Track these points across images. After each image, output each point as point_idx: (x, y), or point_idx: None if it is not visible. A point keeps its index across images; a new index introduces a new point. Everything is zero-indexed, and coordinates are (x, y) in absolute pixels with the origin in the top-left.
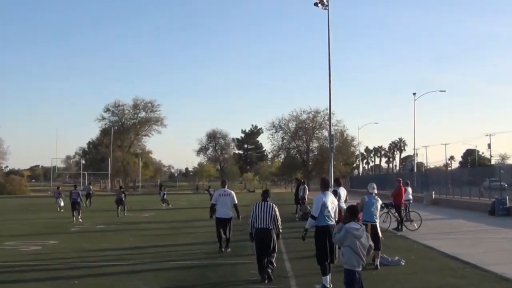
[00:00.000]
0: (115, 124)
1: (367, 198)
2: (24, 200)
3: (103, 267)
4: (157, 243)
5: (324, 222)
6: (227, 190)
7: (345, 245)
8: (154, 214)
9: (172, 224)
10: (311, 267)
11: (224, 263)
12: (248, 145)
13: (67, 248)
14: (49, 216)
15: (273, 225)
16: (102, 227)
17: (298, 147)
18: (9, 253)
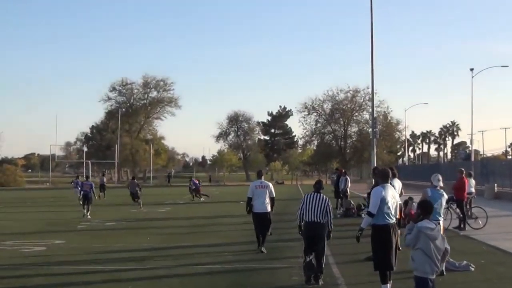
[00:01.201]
0: (122, 105)
1: (430, 192)
2: (20, 193)
3: (119, 272)
4: (179, 243)
5: (383, 220)
6: (263, 182)
7: (416, 247)
8: (170, 209)
9: (193, 221)
10: (364, 272)
11: (260, 267)
12: (275, 129)
13: (76, 249)
14: (52, 211)
15: (325, 220)
16: (113, 224)
17: (334, 132)
18: (9, 254)
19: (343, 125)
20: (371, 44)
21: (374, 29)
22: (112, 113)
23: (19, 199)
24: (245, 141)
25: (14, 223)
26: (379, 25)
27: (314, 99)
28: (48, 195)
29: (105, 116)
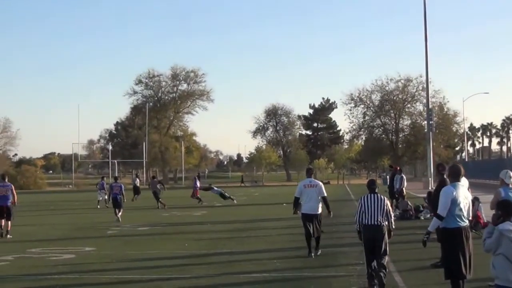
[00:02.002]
0: (149, 99)
1: (503, 192)
2: (41, 196)
3: (157, 281)
4: (220, 249)
5: (454, 223)
6: (313, 180)
7: (497, 253)
8: (206, 212)
9: (233, 225)
10: (432, 281)
11: (313, 276)
12: (318, 123)
13: (108, 257)
14: (78, 216)
15: (385, 221)
16: (146, 229)
17: (384, 126)
18: (36, 263)
19: (394, 117)
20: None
21: (427, 12)
22: (138, 108)
23: (41, 203)
24: (285, 136)
25: (39, 228)
26: (432, 7)
27: (361, 90)
28: (72, 198)
29: (131, 111)
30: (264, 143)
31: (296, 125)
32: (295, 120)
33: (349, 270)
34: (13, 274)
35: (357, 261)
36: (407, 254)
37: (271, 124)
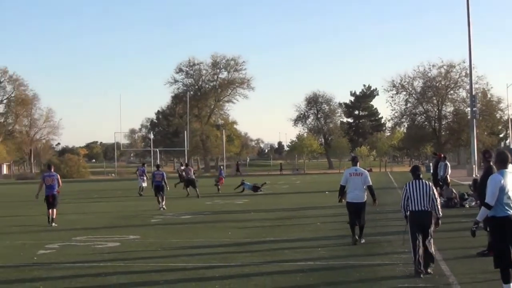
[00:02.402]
0: (190, 87)
1: None
2: (85, 184)
3: (202, 270)
4: (264, 238)
5: (503, 211)
6: (359, 169)
7: None
8: (249, 200)
9: (276, 214)
10: (479, 270)
11: (358, 264)
12: (359, 111)
13: (152, 245)
14: (121, 204)
15: (431, 207)
16: (189, 217)
17: (427, 113)
18: (82, 251)
19: (437, 104)
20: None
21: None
22: (179, 96)
23: (85, 192)
24: (326, 124)
25: (84, 217)
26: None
27: (403, 76)
28: (114, 186)
29: (172, 100)
30: (305, 131)
31: (337, 112)
32: (336, 107)
33: (394, 258)
34: (59, 262)
35: (402, 250)
36: (453, 242)
37: (312, 112)
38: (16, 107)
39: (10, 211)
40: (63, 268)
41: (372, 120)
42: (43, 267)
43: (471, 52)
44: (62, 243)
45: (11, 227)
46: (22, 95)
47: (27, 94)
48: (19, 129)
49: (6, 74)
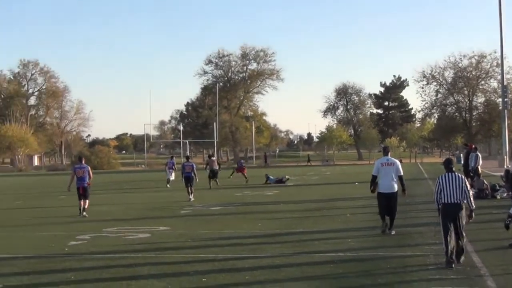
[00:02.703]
0: (219, 79)
1: None
2: (115, 176)
3: (232, 261)
4: (293, 229)
5: None
6: (390, 159)
7: None
8: (279, 192)
9: (306, 205)
10: (511, 261)
11: (389, 255)
12: (389, 102)
13: (182, 236)
14: (151, 195)
15: (464, 199)
16: (219, 209)
17: (458, 103)
18: (113, 242)
19: (468, 95)
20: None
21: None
22: (208, 88)
23: (115, 183)
24: (356, 115)
25: (115, 208)
26: None
27: (433, 67)
28: (144, 178)
29: (201, 91)
30: (334, 122)
31: (367, 103)
32: (366, 98)
33: (425, 250)
34: (90, 253)
35: (433, 241)
36: (484, 234)
37: (342, 103)
38: (47, 99)
39: (41, 202)
40: (94, 259)
41: (402, 111)
42: (74, 258)
43: (503, 42)
44: (93, 234)
45: (43, 218)
46: (53, 87)
47: (57, 86)
48: (50, 121)
49: (37, 66)
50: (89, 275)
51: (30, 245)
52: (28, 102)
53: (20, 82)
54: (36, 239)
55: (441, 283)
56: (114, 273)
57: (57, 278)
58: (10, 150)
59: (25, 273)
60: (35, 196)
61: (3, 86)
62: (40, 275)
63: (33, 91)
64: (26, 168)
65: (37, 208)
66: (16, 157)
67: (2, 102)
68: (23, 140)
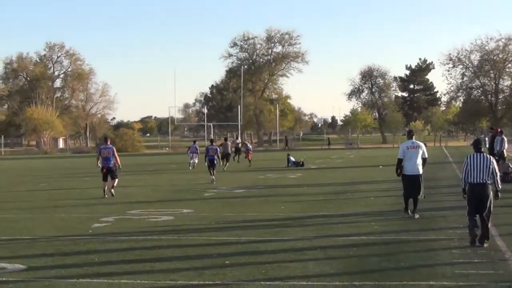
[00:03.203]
0: (244, 62)
1: None
2: (139, 158)
3: (255, 243)
4: (317, 212)
5: None
6: (415, 142)
7: None
8: (302, 175)
9: (329, 188)
10: None
11: (413, 239)
12: (414, 85)
13: (206, 219)
14: (175, 178)
15: (491, 180)
16: (242, 191)
17: (484, 87)
18: (136, 224)
19: (494, 78)
20: None
21: None
22: (233, 71)
23: (140, 165)
24: (381, 98)
25: (138, 190)
26: None
27: (459, 50)
28: (168, 160)
29: (226, 74)
30: (359, 105)
31: (392, 87)
32: (391, 81)
33: (449, 233)
34: (115, 235)
35: (457, 225)
36: (509, 218)
37: (367, 86)
38: (72, 82)
39: (66, 184)
40: (117, 241)
41: (427, 94)
42: (98, 240)
43: None
44: (117, 216)
45: (67, 200)
46: (78, 69)
47: (83, 69)
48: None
49: (63, 49)
50: (112, 257)
51: (53, 227)
52: (54, 85)
53: (46, 64)
54: (60, 221)
55: (465, 266)
56: (138, 255)
57: (81, 259)
58: (35, 133)
59: (48, 255)
60: (59, 178)
61: (29, 69)
62: (64, 257)
63: (59, 73)
64: (51, 151)
65: (61, 190)
66: (41, 139)
67: (28, 85)
68: (48, 123)
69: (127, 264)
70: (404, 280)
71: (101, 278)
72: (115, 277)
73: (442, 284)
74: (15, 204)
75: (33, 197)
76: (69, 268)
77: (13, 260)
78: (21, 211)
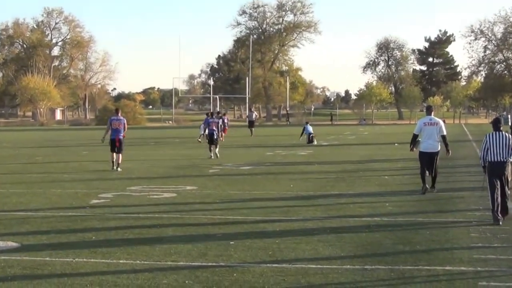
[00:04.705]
0: (253, 31)
1: None
2: (141, 132)
3: (262, 223)
4: (327, 191)
5: None
6: (433, 118)
7: None
8: (313, 152)
9: (341, 166)
10: None
11: (429, 222)
12: (434, 58)
13: (210, 196)
14: (178, 153)
15: (510, 158)
16: (249, 168)
17: (507, 61)
18: (137, 201)
19: None
20: None
21: None
22: (241, 40)
23: (141, 139)
24: (397, 72)
25: (139, 166)
26: None
27: (482, 21)
28: (172, 134)
29: (234, 44)
30: (374, 79)
31: (410, 59)
32: (408, 54)
33: (467, 216)
34: (113, 212)
35: (476, 207)
36: None
37: (383, 58)
38: (71, 50)
39: (62, 158)
40: (116, 218)
41: (447, 68)
42: (95, 217)
43: None
44: (116, 192)
45: (63, 174)
46: (77, 37)
47: (83, 36)
48: (74, 73)
49: (61, 15)
50: (110, 235)
51: (49, 203)
52: (52, 53)
53: (44, 31)
54: (56, 197)
55: (484, 251)
56: (138, 234)
57: (77, 238)
58: (31, 103)
59: (43, 232)
60: (56, 151)
61: (26, 35)
62: (60, 235)
63: (57, 41)
64: (48, 122)
65: (57, 164)
66: (37, 110)
67: (25, 52)
68: (45, 93)
69: (126, 244)
70: (420, 265)
71: (99, 257)
72: (113, 257)
73: (459, 270)
74: (8, 178)
75: (27, 171)
76: (65, 247)
77: (6, 238)
78: (15, 186)
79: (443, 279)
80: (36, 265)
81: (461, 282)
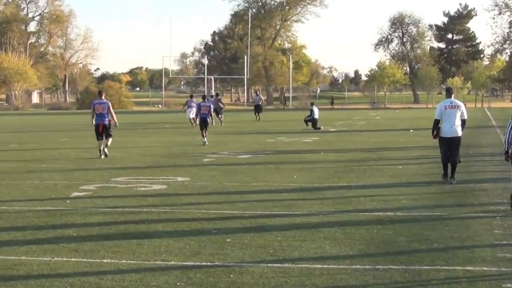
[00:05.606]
0: (252, 4)
1: None
2: (127, 117)
3: (261, 219)
4: (335, 183)
5: None
6: (454, 101)
7: None
8: (319, 139)
9: (350, 155)
10: None
11: (447, 216)
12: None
13: (204, 188)
14: (169, 140)
15: None
16: (248, 157)
17: None
18: (122, 193)
19: None
20: None
21: None
22: (239, 15)
23: (128, 125)
24: (413, 50)
25: (126, 154)
26: None
27: None
28: (162, 119)
29: (231, 19)
30: (387, 57)
31: (427, 36)
32: (425, 30)
33: (490, 210)
34: (96, 207)
35: (500, 200)
36: None
37: (397, 35)
38: (49, 25)
39: (40, 145)
40: (100, 213)
41: (468, 46)
42: (77, 212)
43: None
44: (99, 184)
45: (41, 164)
46: (56, 11)
47: (62, 10)
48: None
49: None
50: (93, 231)
51: (24, 195)
52: (28, 29)
53: (19, 4)
54: (33, 189)
55: (509, 249)
56: (123, 230)
57: (57, 234)
58: (5, 85)
59: (18, 228)
60: (33, 138)
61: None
62: (37, 231)
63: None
64: (24, 106)
65: (34, 152)
66: (12, 92)
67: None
68: (20, 73)
69: (110, 241)
70: (437, 265)
71: (80, 257)
72: (96, 256)
73: (481, 270)
74: None
75: (0, 160)
76: (43, 245)
77: None
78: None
79: (463, 280)
80: (10, 265)
81: (483, 284)
